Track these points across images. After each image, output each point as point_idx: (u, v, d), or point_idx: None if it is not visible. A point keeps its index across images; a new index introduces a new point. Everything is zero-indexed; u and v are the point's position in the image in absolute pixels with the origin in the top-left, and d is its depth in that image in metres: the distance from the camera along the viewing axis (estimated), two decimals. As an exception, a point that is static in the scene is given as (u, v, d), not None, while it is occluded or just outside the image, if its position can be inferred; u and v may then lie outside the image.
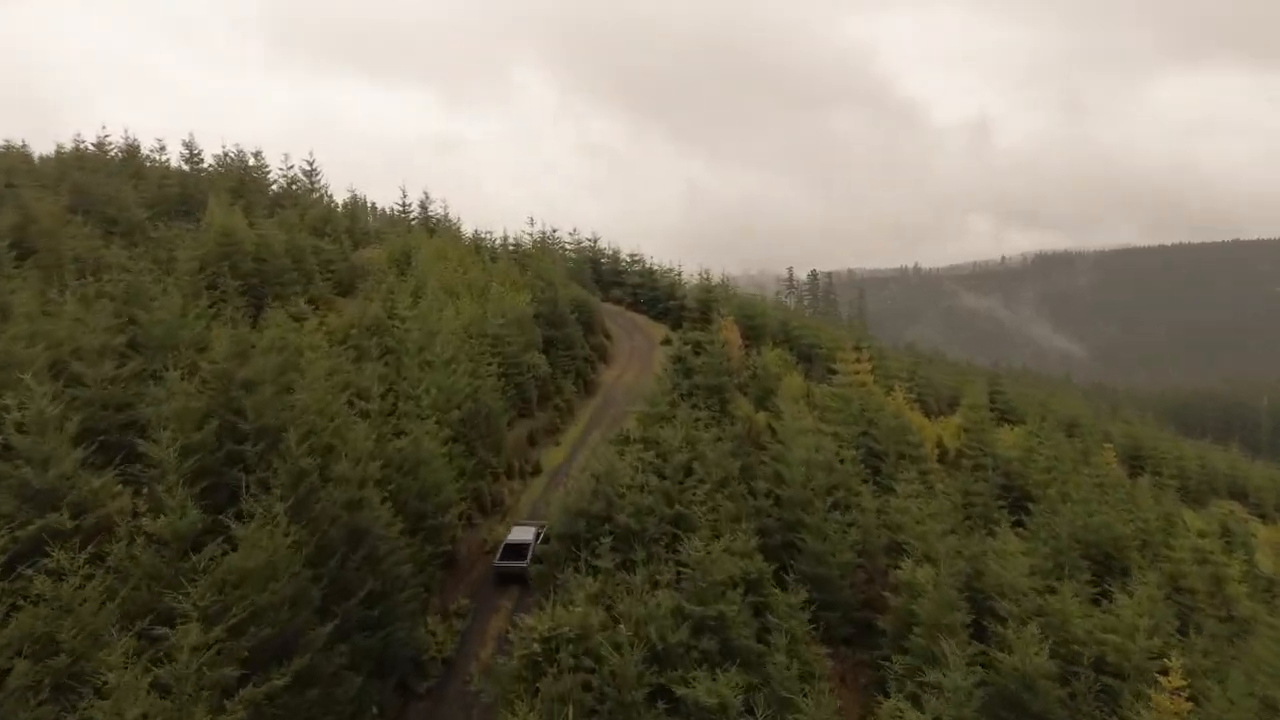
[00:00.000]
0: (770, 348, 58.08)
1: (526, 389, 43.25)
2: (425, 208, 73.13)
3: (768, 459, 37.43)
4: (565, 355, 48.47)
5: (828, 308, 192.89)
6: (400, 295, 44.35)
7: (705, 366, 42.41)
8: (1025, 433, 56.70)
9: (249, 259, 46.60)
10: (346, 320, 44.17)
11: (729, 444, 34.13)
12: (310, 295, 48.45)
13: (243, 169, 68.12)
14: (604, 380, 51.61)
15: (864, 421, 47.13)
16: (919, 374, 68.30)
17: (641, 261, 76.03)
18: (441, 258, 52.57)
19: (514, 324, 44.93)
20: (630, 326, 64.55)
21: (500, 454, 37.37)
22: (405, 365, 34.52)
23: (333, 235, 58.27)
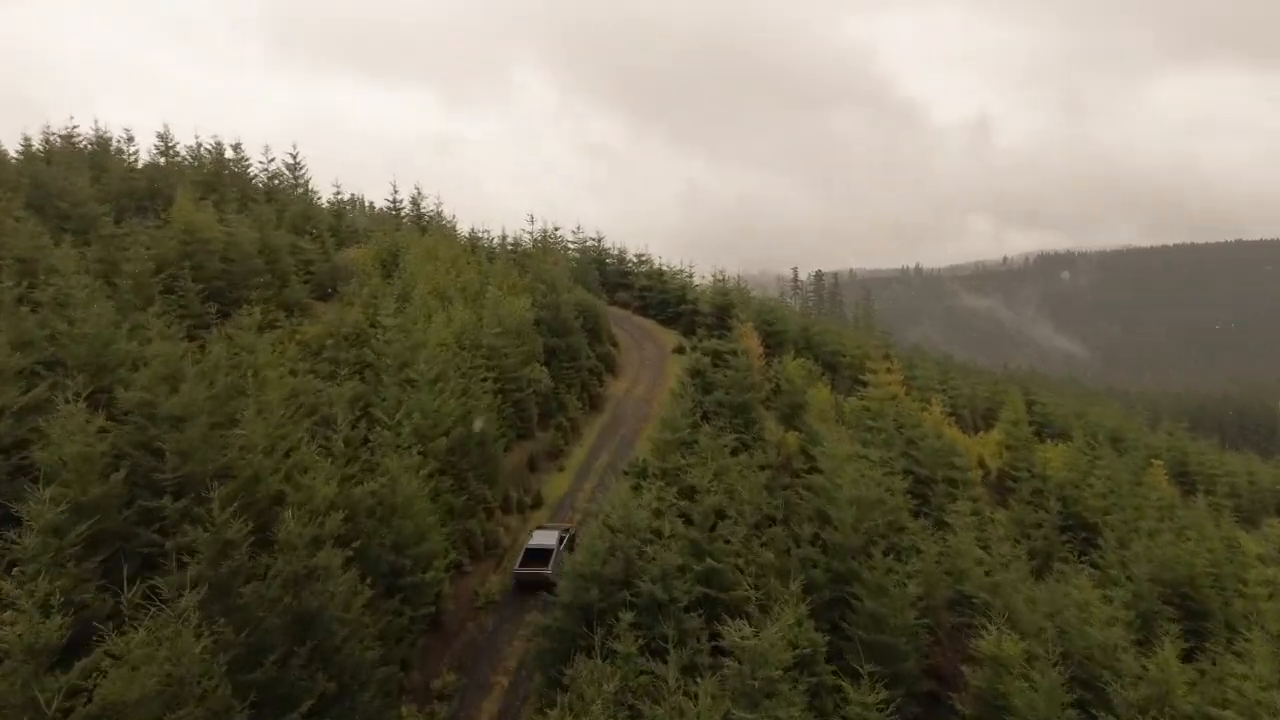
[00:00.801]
0: (791, 356, 53.12)
1: (526, 406, 38.25)
2: (417, 204, 67.99)
3: (806, 491, 32.47)
4: (569, 367, 43.45)
5: (833, 309, 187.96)
6: (384, 300, 39.37)
7: (729, 382, 37.40)
8: (1072, 450, 51.70)
9: (216, 259, 41.70)
10: (322, 329, 39.22)
11: (763, 476, 29.15)
12: (284, 299, 43.52)
13: (219, 162, 63.02)
14: (612, 394, 46.62)
15: (903, 441, 42.19)
16: (949, 383, 63.31)
17: (649, 261, 70.89)
18: (432, 258, 47.52)
19: (512, 332, 39.91)
20: (639, 333, 59.46)
21: (496, 485, 32.37)
22: (384, 384, 29.49)
23: (315, 233, 53.27)
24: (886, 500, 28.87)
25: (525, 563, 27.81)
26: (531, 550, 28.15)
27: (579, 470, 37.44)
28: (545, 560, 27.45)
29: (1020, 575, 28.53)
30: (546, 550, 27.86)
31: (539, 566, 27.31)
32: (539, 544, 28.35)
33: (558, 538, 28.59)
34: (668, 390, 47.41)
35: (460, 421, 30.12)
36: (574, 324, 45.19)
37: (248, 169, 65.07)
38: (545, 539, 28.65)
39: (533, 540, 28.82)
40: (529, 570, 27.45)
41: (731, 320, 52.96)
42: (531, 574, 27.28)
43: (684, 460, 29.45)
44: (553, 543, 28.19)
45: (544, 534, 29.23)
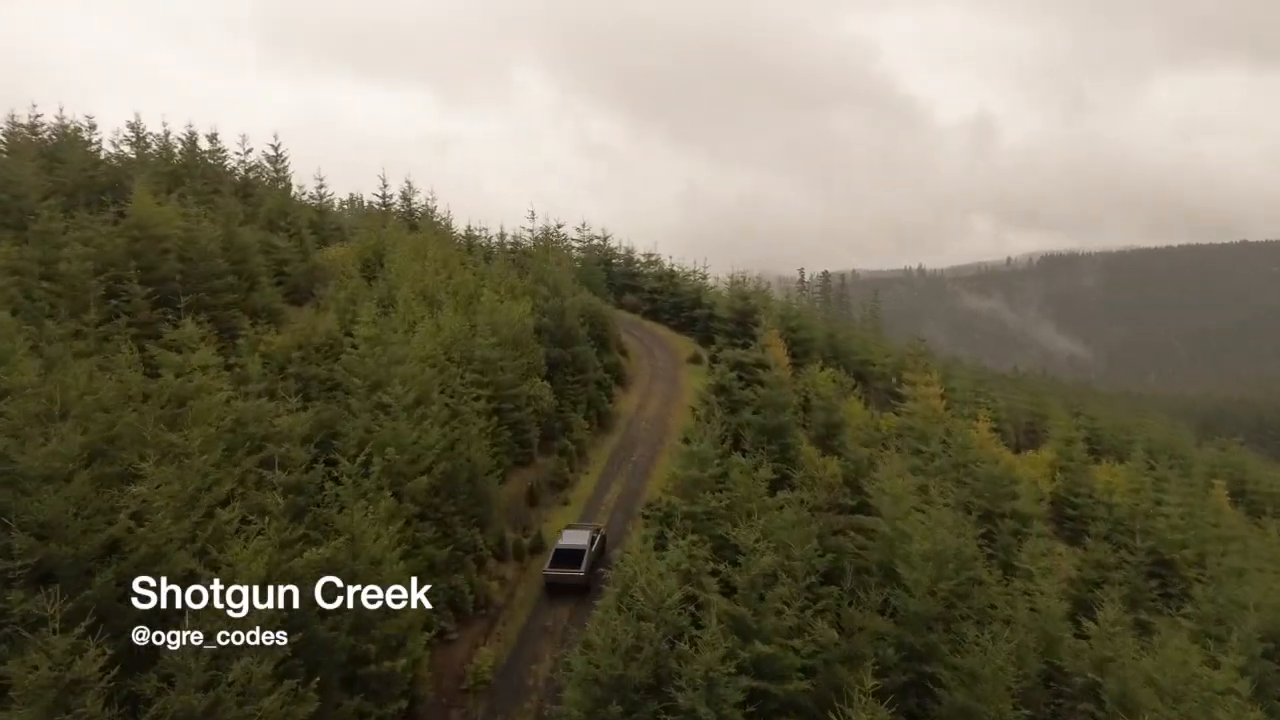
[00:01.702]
0: (819, 366, 47.98)
1: (525, 429, 33.13)
2: (408, 199, 62.76)
3: (859, 535, 27.33)
4: (574, 381, 38.28)
5: (840, 310, 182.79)
6: (364, 305, 34.32)
7: (762, 400, 32.26)
8: (1133, 472, 46.59)
9: (173, 259, 36.58)
10: (290, 339, 34.13)
11: (815, 524, 24.02)
12: (251, 304, 38.41)
13: (192, 154, 57.84)
14: (622, 411, 41.47)
15: (953, 466, 37.05)
16: (986, 394, 58.13)
17: (658, 262, 65.62)
18: (420, 257, 42.35)
19: (509, 343, 34.80)
20: (650, 340, 54.28)
21: (489, 527, 27.26)
22: (352, 412, 24.36)
23: (292, 230, 48.14)
24: (963, 551, 23.70)
25: (556, 564, 26.41)
26: (562, 551, 26.72)
27: (587, 504, 32.29)
28: (577, 562, 26.16)
29: (1129, 645, 23.36)
30: (578, 551, 26.54)
31: (571, 569, 26.01)
32: (570, 544, 26.93)
33: (589, 538, 27.28)
34: (684, 406, 42.30)
35: (446, 454, 24.99)
36: (580, 332, 40.06)
37: (224, 161, 59.97)
38: (577, 539, 27.29)
39: (563, 540, 27.41)
40: (561, 572, 26.08)
41: (754, 327, 47.80)
42: (563, 576, 25.98)
43: (715, 501, 24.35)
44: (584, 543, 26.91)
45: (575, 533, 27.90)
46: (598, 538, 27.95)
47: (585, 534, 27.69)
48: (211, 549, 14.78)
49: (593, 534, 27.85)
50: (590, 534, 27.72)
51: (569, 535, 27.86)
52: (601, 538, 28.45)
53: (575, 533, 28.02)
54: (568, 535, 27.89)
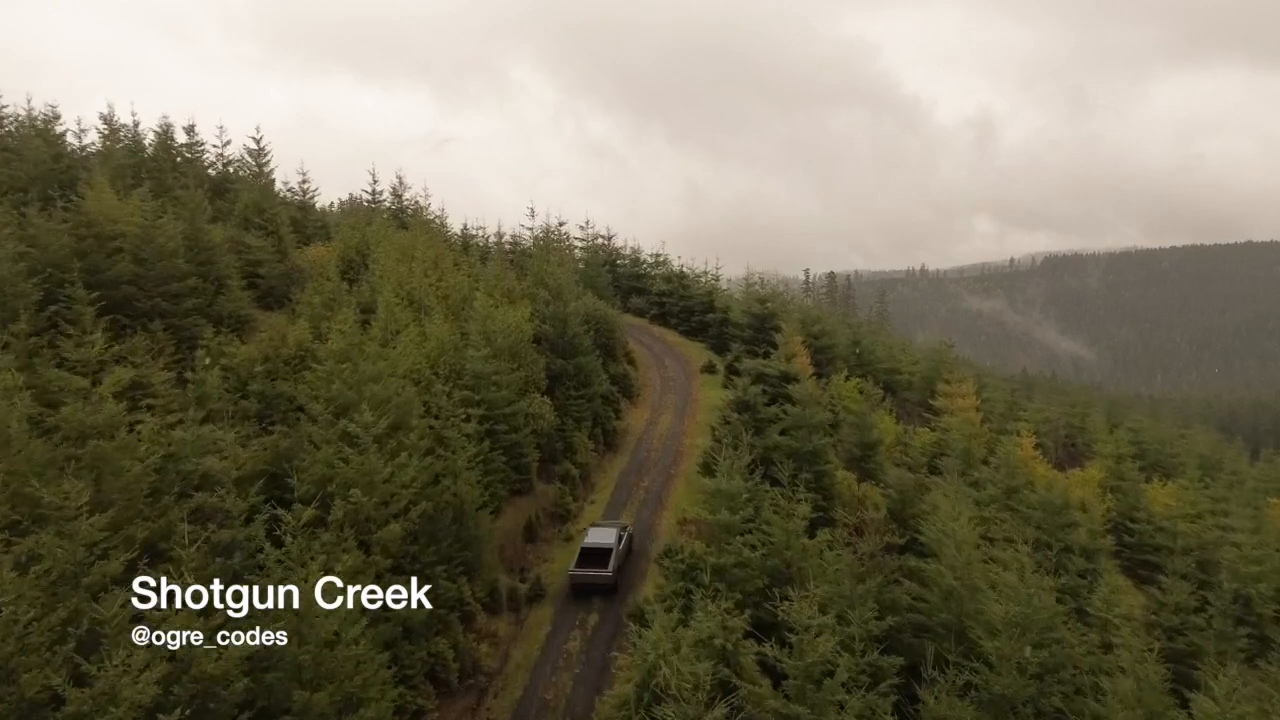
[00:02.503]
0: (844, 376, 43.96)
1: (522, 452, 29.08)
2: (399, 195, 58.65)
3: (913, 583, 23.26)
4: (578, 396, 34.21)
5: (847, 312, 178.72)
6: (341, 311, 30.35)
7: (792, 420, 28.22)
8: (1190, 492, 42.42)
9: (128, 259, 32.56)
10: (255, 351, 30.12)
11: (871, 580, 19.95)
12: (216, 310, 34.40)
13: (165, 146, 53.83)
14: (631, 428, 37.40)
15: (1007, 493, 33.00)
16: (1020, 403, 54.01)
17: (666, 262, 61.49)
18: (407, 257, 38.27)
19: (505, 353, 30.78)
20: (659, 348, 50.20)
21: (477, 575, 23.21)
22: (314, 441, 20.31)
23: (269, 228, 44.11)
24: (1047, 609, 19.63)
25: (582, 563, 25.14)
26: (589, 550, 25.43)
27: (593, 539, 28.16)
28: (605, 561, 24.94)
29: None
30: (605, 549, 25.27)
31: (598, 568, 24.80)
32: (597, 543, 25.67)
33: (616, 535, 26.06)
34: (699, 422, 38.26)
35: (427, 491, 20.95)
36: (584, 340, 35.97)
37: (201, 155, 55.97)
38: (603, 537, 26.00)
39: (589, 538, 26.12)
40: (587, 572, 24.82)
41: (773, 333, 43.74)
42: (590, 577, 24.73)
43: (749, 550, 20.29)
44: (611, 541, 25.66)
45: (601, 531, 26.61)
46: (625, 536, 26.72)
47: (612, 531, 26.31)
48: (82, 659, 10.73)
49: (620, 531, 26.54)
50: (618, 531, 26.40)
51: (595, 533, 26.45)
52: (629, 536, 27.24)
53: (602, 530, 26.63)
54: (594, 533, 26.49)
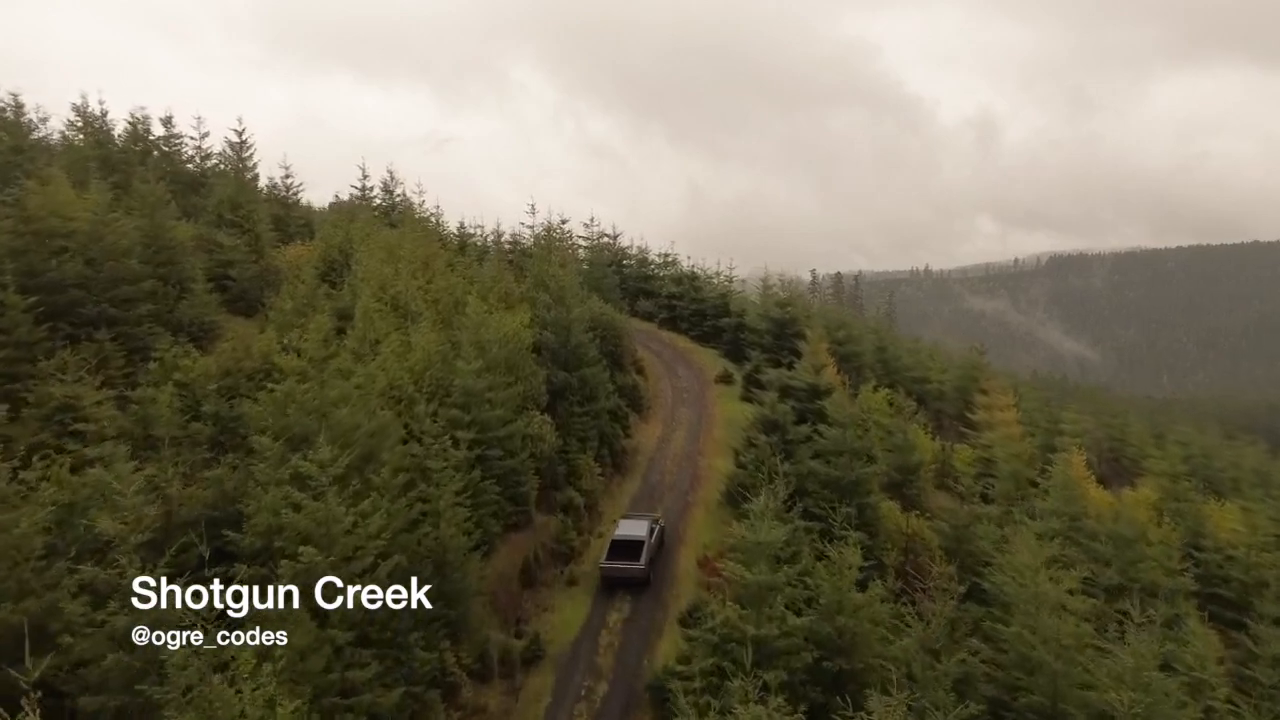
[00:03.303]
0: (872, 386, 40.20)
1: (519, 480, 25.36)
2: (390, 191, 54.90)
3: (992, 649, 19.55)
4: (582, 413, 30.46)
5: (855, 312, 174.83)
6: (315, 319, 26.75)
7: (830, 445, 24.50)
8: (1252, 514, 38.65)
9: (79, 260, 28.91)
10: (216, 363, 26.52)
11: (951, 662, 16.24)
12: (178, 317, 30.75)
13: (138, 138, 50.23)
14: (641, 446, 33.67)
15: (1065, 521, 29.28)
16: (1056, 413, 50.22)
17: (676, 262, 57.66)
18: (394, 257, 34.52)
19: (500, 365, 27.07)
20: (670, 355, 46.44)
21: (463, 636, 19.50)
22: (260, 481, 16.60)
23: (246, 225, 40.46)
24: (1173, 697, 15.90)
25: (613, 556, 24.57)
26: (620, 542, 24.87)
27: (601, 585, 24.45)
28: (636, 554, 24.37)
29: None
30: (637, 541, 24.70)
31: (630, 561, 24.23)
32: (628, 535, 25.15)
33: (648, 528, 25.44)
34: (716, 440, 34.54)
35: (400, 540, 17.25)
36: (589, 349, 32.22)
37: (178, 148, 52.34)
38: (635, 529, 25.42)
39: (619, 531, 25.60)
40: (618, 565, 24.25)
41: (795, 339, 40.04)
42: (622, 569, 24.15)
43: (796, 619, 16.58)
44: (643, 533, 25.08)
45: (633, 523, 26.00)
46: (657, 529, 26.15)
47: (644, 524, 25.74)
48: None
49: (651, 524, 25.94)
50: (649, 524, 25.82)
51: (626, 525, 25.90)
52: (661, 529, 26.64)
53: (633, 523, 26.03)
54: (624, 525, 25.95)
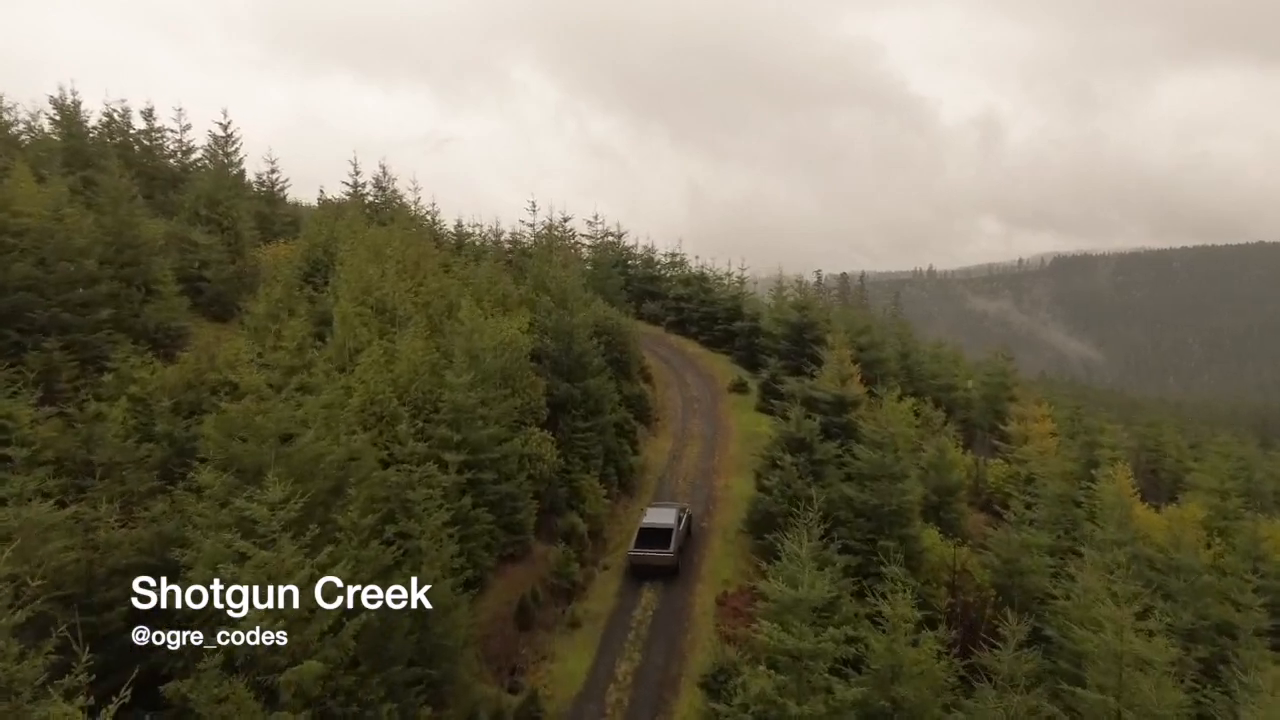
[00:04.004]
0: (897, 395, 37.31)
1: (516, 506, 22.53)
2: (383, 187, 52.04)
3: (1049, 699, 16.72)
4: (586, 428, 27.61)
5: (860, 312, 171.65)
6: (290, 323, 23.98)
7: (867, 467, 21.67)
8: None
9: (29, 260, 26.15)
10: (177, 375, 23.77)
11: None
12: (142, 323, 27.98)
13: (113, 130, 47.52)
14: (650, 463, 30.85)
15: (1128, 553, 26.37)
16: (1087, 422, 47.26)
17: (684, 263, 54.78)
18: (379, 257, 31.65)
19: (495, 377, 24.26)
20: (678, 361, 43.59)
21: (447, 698, 16.68)
22: (199, 526, 13.81)
23: (224, 222, 37.69)
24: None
25: (642, 544, 24.34)
26: (648, 530, 24.63)
27: (609, 628, 21.59)
28: (666, 540, 24.16)
29: None
30: (666, 529, 24.45)
31: (659, 549, 24.02)
32: (657, 522, 24.90)
33: (675, 516, 25.27)
34: (731, 456, 31.71)
35: (373, 585, 14.46)
36: (594, 358, 29.38)
37: (159, 142, 49.60)
38: (663, 517, 25.24)
39: (648, 518, 25.44)
40: (648, 553, 24.03)
41: (814, 345, 37.20)
42: (653, 557, 23.92)
43: (846, 688, 13.74)
44: (671, 521, 24.85)
45: (660, 511, 25.90)
46: (684, 516, 25.98)
47: (671, 511, 25.54)
48: None
49: (679, 511, 25.80)
50: (676, 511, 25.65)
51: (654, 513, 25.65)
52: (689, 517, 26.48)
53: (661, 510, 25.84)
54: (652, 513, 25.74)
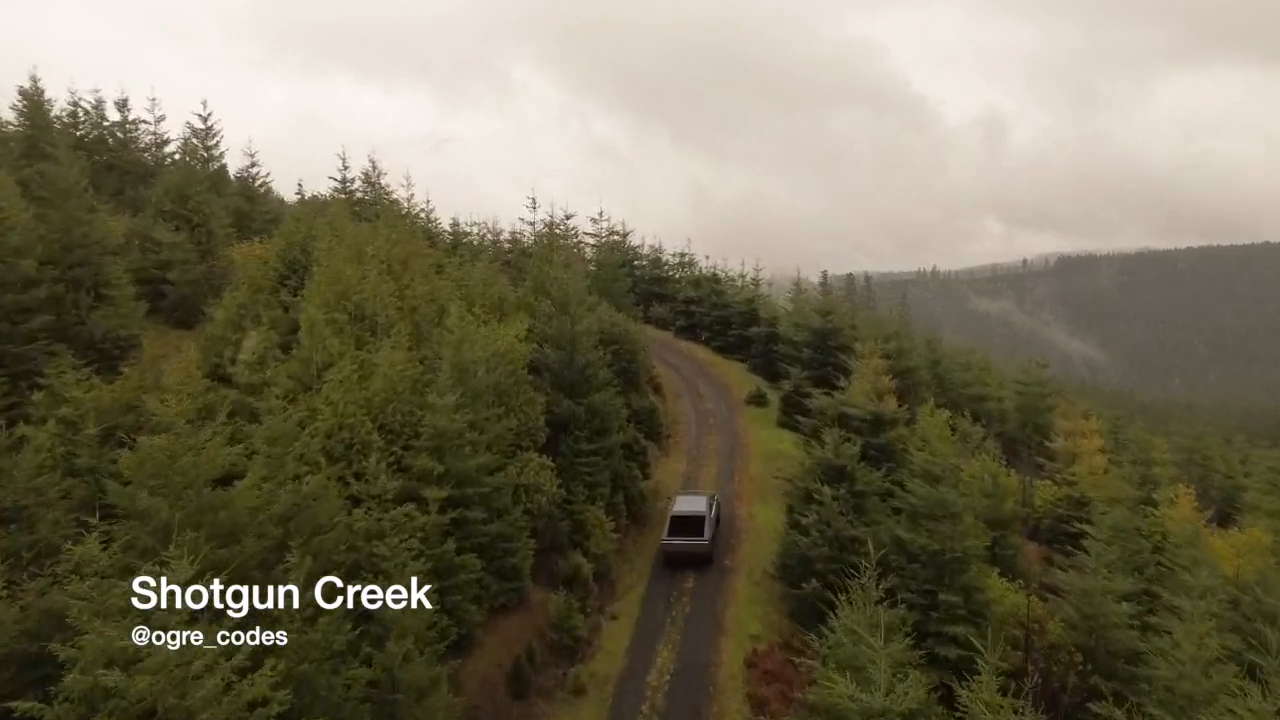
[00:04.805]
0: (930, 408, 33.95)
1: (509, 549, 19.22)
2: (372, 182, 48.66)
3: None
4: (591, 451, 24.24)
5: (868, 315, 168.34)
6: (249, 336, 20.84)
7: (926, 505, 18.38)
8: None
9: (-40, 260, 22.92)
10: (117, 395, 20.58)
11: None
12: (89, 331, 24.74)
13: (77, 121, 44.33)
14: (662, 487, 27.47)
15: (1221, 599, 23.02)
16: (1130, 432, 44.00)
17: (693, 263, 51.30)
18: (358, 258, 28.27)
19: (487, 394, 20.98)
20: (689, 369, 40.20)
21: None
22: (84, 614, 10.45)
23: (195, 219, 34.45)
24: None
25: (675, 532, 23.46)
26: (681, 518, 23.77)
27: (619, 689, 18.27)
28: (699, 528, 23.28)
29: None
30: (698, 517, 23.59)
31: (693, 536, 23.10)
32: (688, 510, 24.00)
33: (706, 503, 24.56)
34: (753, 479, 28.42)
35: (319, 689, 11.15)
36: (600, 370, 25.99)
37: (132, 134, 46.37)
38: (694, 504, 24.46)
39: (678, 506, 24.58)
40: (682, 541, 23.12)
41: (840, 354, 33.89)
42: (686, 545, 23.01)
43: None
44: (703, 508, 24.06)
45: (691, 499, 25.21)
46: (715, 504, 25.43)
47: (702, 499, 24.96)
48: None
49: (710, 499, 25.24)
50: (707, 499, 25.08)
51: (684, 501, 24.97)
52: (718, 504, 25.92)
53: (691, 498, 25.18)
54: (682, 501, 25.01)
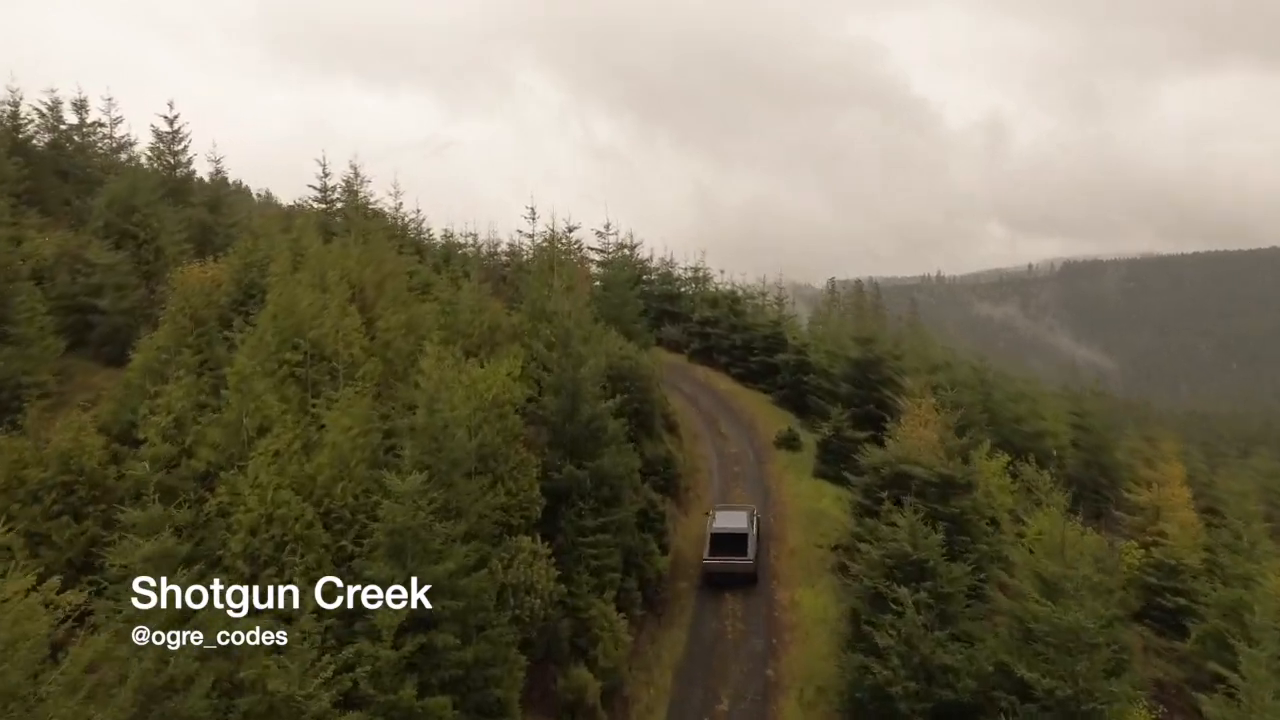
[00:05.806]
0: (986, 450, 29.27)
1: (492, 677, 14.61)
2: (354, 190, 44.15)
3: None
4: (598, 527, 19.60)
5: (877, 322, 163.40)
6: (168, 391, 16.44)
7: (1050, 626, 13.77)
8: None
9: None
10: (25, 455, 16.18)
11: None
12: None
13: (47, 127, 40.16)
14: (683, 558, 22.79)
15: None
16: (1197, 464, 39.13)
17: (707, 277, 46.44)
18: (320, 284, 23.65)
19: (466, 461, 16.43)
20: (708, 400, 35.31)
21: None
22: None
23: (143, 235, 29.96)
24: None
25: (716, 551, 22.05)
26: (721, 536, 22.26)
27: None
28: (742, 547, 22.05)
29: None
30: (741, 534, 22.33)
31: (736, 555, 21.84)
32: (729, 527, 22.53)
33: (747, 519, 23.24)
34: (793, 551, 23.80)
35: None
36: (609, 423, 21.30)
37: (90, 138, 42.03)
38: (735, 520, 23.03)
39: (718, 523, 22.92)
40: (724, 560, 21.80)
41: (884, 387, 29.32)
42: (727, 565, 21.75)
43: None
44: (744, 525, 22.75)
45: (730, 515, 23.74)
46: (755, 519, 24.05)
47: (742, 515, 23.62)
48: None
49: (750, 515, 23.84)
50: (747, 515, 23.66)
51: (724, 517, 23.48)
52: (759, 519, 24.58)
53: (730, 514, 23.77)
54: (722, 517, 23.49)
